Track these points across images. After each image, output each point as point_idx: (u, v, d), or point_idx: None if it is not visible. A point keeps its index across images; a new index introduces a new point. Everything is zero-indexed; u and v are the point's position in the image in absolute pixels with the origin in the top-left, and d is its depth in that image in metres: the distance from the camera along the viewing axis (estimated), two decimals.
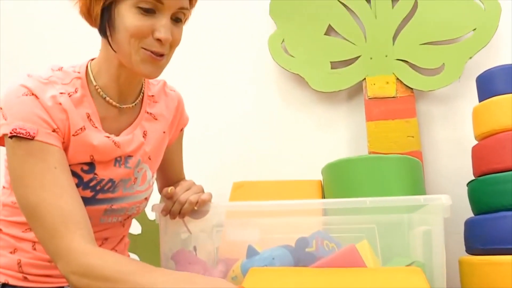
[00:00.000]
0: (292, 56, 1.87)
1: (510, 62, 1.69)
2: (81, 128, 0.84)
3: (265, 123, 1.92)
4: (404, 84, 1.76)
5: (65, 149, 0.83)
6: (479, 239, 1.31)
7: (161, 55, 0.83)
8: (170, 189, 0.97)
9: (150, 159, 0.98)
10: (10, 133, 0.77)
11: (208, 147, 1.89)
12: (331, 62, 1.85)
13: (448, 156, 1.75)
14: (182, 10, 0.83)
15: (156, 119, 0.98)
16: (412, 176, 1.46)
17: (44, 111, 0.79)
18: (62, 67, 0.87)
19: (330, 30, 1.90)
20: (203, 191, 1.01)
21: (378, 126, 1.73)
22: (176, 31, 0.84)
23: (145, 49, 0.81)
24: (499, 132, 1.35)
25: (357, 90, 1.85)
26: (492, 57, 1.76)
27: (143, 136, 0.95)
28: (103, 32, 0.84)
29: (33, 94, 0.79)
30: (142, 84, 0.97)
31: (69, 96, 0.83)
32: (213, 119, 1.94)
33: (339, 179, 1.52)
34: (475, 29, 1.74)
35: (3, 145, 0.81)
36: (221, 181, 1.75)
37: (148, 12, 0.79)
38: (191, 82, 1.95)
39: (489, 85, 1.43)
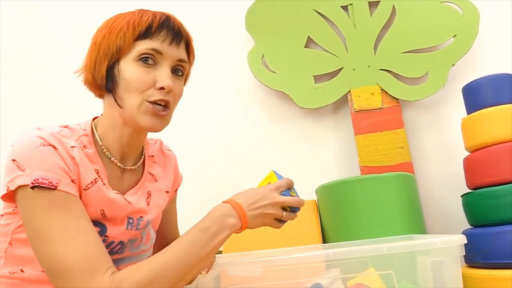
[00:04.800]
0: (274, 72, 1.83)
1: (492, 68, 1.71)
2: (92, 182, 0.81)
3: (252, 142, 1.87)
4: (389, 95, 1.75)
5: None
6: (480, 253, 1.32)
7: (165, 107, 0.84)
8: None
9: (153, 218, 0.96)
10: (32, 183, 0.73)
11: (197, 176, 1.84)
12: (314, 76, 1.82)
13: (437, 164, 1.75)
14: (181, 63, 0.86)
15: (156, 181, 0.98)
16: (408, 193, 1.46)
17: (63, 162, 0.77)
18: (67, 125, 0.85)
19: (309, 42, 1.86)
20: None
21: (367, 139, 1.72)
22: (177, 84, 0.86)
23: (149, 101, 0.82)
24: (491, 144, 1.37)
25: (342, 102, 1.83)
26: (474, 63, 1.77)
27: (148, 197, 0.94)
28: (108, 90, 0.85)
29: (50, 144, 0.76)
30: (143, 147, 0.97)
31: (81, 150, 0.82)
32: (200, 146, 1.89)
33: (335, 201, 1.50)
34: (455, 36, 1.73)
35: (10, 201, 0.78)
36: None
37: (149, 64, 0.82)
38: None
39: (476, 96, 1.44)
